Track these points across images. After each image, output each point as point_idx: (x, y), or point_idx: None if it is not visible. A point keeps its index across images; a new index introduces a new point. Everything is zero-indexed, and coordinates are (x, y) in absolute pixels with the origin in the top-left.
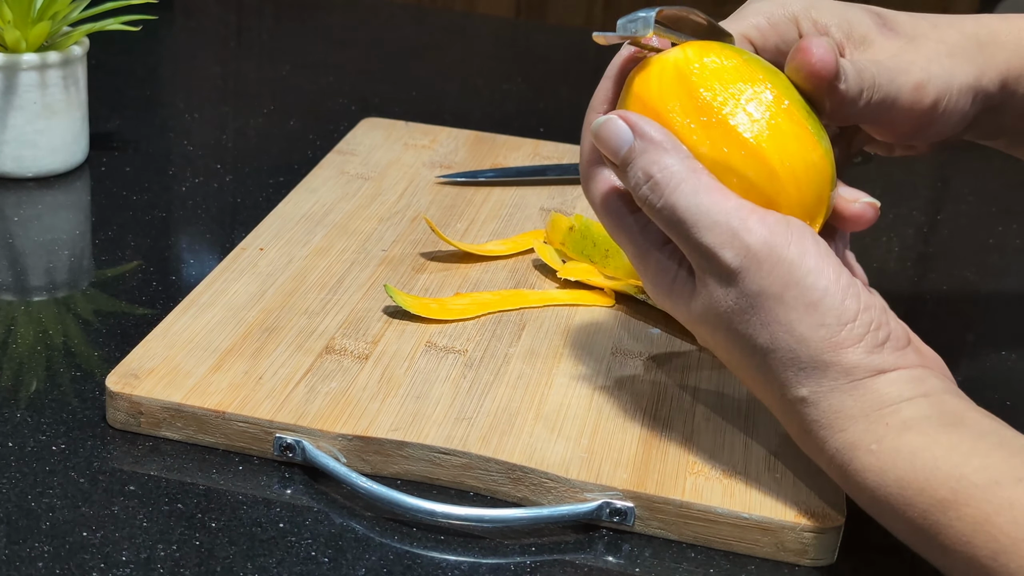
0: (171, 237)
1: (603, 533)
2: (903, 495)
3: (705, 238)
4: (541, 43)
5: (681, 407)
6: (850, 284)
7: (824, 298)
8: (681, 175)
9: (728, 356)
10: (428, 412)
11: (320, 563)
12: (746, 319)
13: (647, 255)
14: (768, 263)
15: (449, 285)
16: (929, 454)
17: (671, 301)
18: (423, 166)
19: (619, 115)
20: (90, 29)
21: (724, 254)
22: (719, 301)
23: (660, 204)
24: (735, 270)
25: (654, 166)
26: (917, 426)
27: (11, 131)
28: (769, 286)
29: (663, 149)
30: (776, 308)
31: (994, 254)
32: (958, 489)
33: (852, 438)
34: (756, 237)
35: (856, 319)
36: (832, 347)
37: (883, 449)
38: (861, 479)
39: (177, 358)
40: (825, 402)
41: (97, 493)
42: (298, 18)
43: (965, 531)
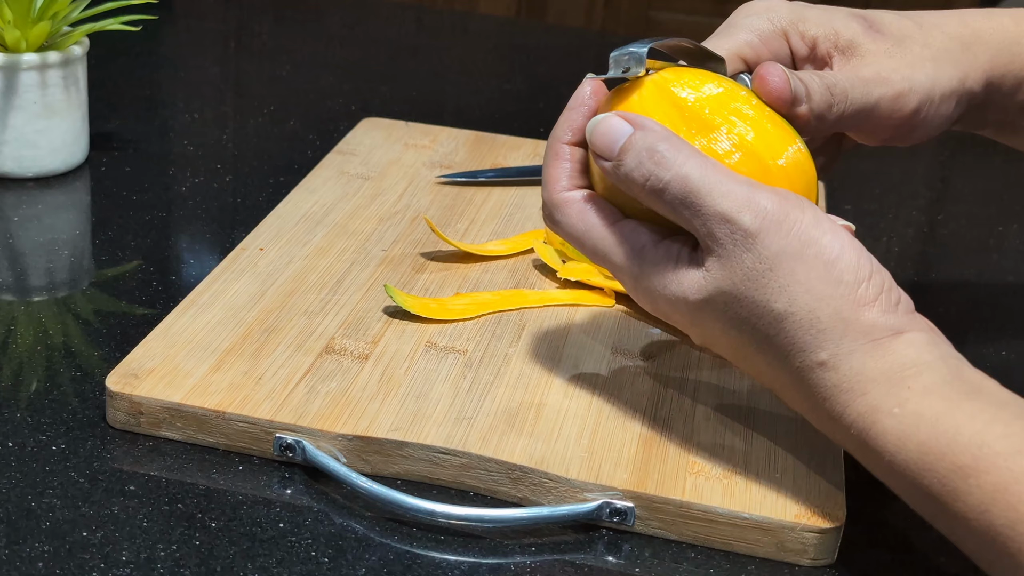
0: (171, 237)
1: (603, 533)
2: (923, 460)
3: (721, 204)
4: (541, 43)
5: (681, 407)
6: (861, 248)
7: (841, 255)
8: (689, 150)
9: (737, 337)
10: (428, 412)
11: (320, 563)
12: (764, 283)
13: (641, 254)
14: (787, 223)
15: (449, 285)
16: (951, 420)
17: (670, 294)
18: (423, 166)
19: (615, 113)
20: (90, 29)
21: (742, 217)
22: (735, 269)
23: (670, 176)
24: (754, 232)
25: (660, 143)
26: (939, 391)
27: (11, 131)
28: (788, 245)
29: (665, 134)
30: (795, 266)
31: (994, 254)
32: (979, 456)
33: (874, 401)
34: (771, 201)
35: (871, 278)
36: (851, 304)
37: (905, 413)
38: (881, 444)
39: (177, 358)
40: (846, 365)
41: (97, 493)
42: (298, 18)
43: (984, 499)
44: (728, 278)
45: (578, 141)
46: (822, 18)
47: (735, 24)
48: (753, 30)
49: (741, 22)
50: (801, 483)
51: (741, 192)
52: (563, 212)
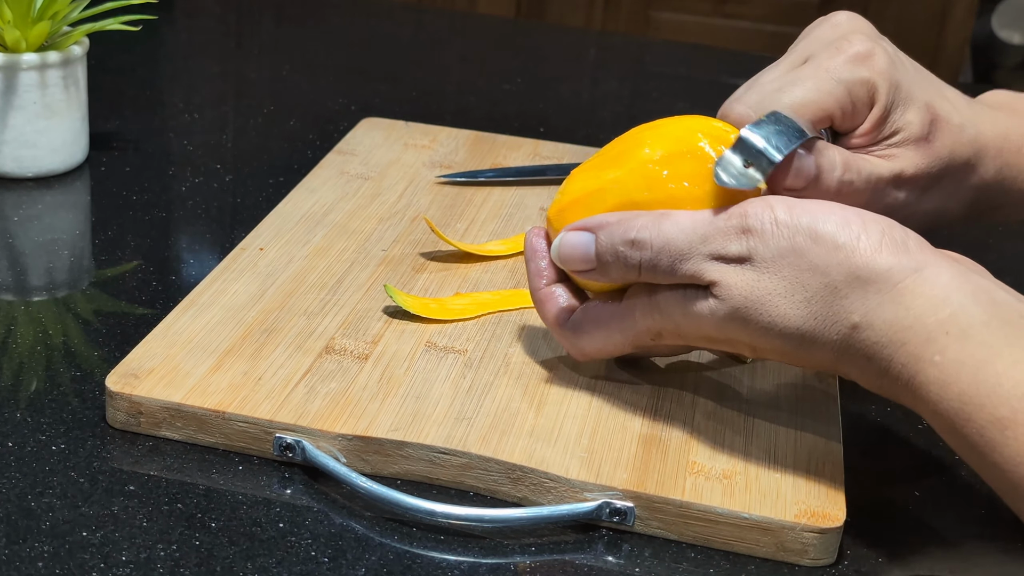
0: (171, 237)
1: (603, 533)
2: (964, 410)
3: (707, 248)
4: (541, 43)
5: (681, 407)
6: (843, 208)
7: (825, 223)
8: (653, 219)
9: (771, 340)
10: (428, 412)
11: (320, 563)
12: (774, 286)
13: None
14: (768, 229)
15: (449, 285)
16: (992, 369)
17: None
18: (423, 166)
19: (568, 228)
20: (90, 29)
21: (730, 248)
22: (744, 286)
23: (653, 253)
24: (746, 253)
25: (630, 231)
26: (978, 334)
27: (11, 131)
28: (778, 244)
29: (622, 220)
30: (794, 259)
31: (994, 254)
32: (1018, 408)
33: (915, 350)
34: (748, 218)
35: (865, 228)
36: (859, 259)
37: (946, 361)
38: (924, 393)
39: (177, 358)
40: (878, 319)
41: (97, 493)
42: (298, 18)
43: (1019, 451)
44: (742, 295)
45: (552, 280)
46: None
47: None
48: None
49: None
50: (801, 483)
51: (715, 229)
52: (581, 332)
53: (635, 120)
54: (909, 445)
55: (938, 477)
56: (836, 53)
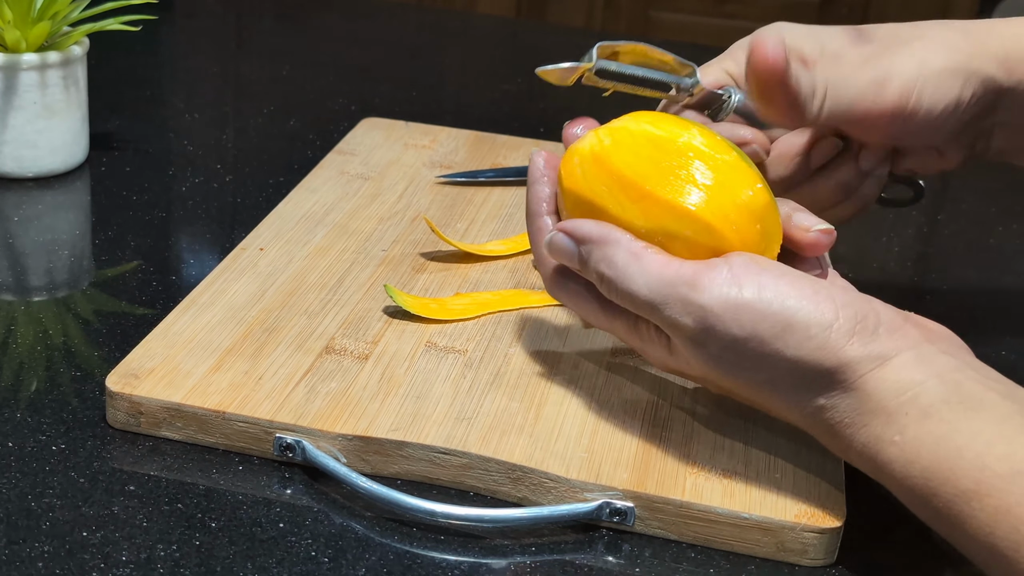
0: (171, 237)
1: (603, 533)
2: (928, 485)
3: (665, 312)
4: (541, 43)
5: (681, 407)
6: (817, 290)
7: (797, 314)
8: (625, 263)
9: (743, 393)
10: (428, 412)
11: (320, 563)
12: (736, 364)
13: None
14: (729, 313)
15: (449, 285)
16: (952, 443)
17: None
18: (423, 166)
19: (559, 228)
20: (90, 29)
21: (685, 322)
22: (705, 358)
23: (619, 297)
24: (701, 331)
25: (601, 264)
26: (937, 412)
27: (11, 131)
28: (739, 331)
29: (604, 244)
30: (758, 345)
31: (994, 254)
32: (981, 479)
33: (875, 431)
34: (707, 296)
35: (838, 317)
36: (828, 353)
37: (906, 440)
38: (889, 471)
39: (177, 358)
40: (843, 404)
41: (97, 493)
42: (298, 18)
43: (988, 521)
44: (706, 361)
45: (552, 211)
46: (810, 32)
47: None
48: (742, 48)
49: (732, 48)
50: (801, 483)
51: (676, 296)
52: (561, 287)
53: None
54: None
55: None
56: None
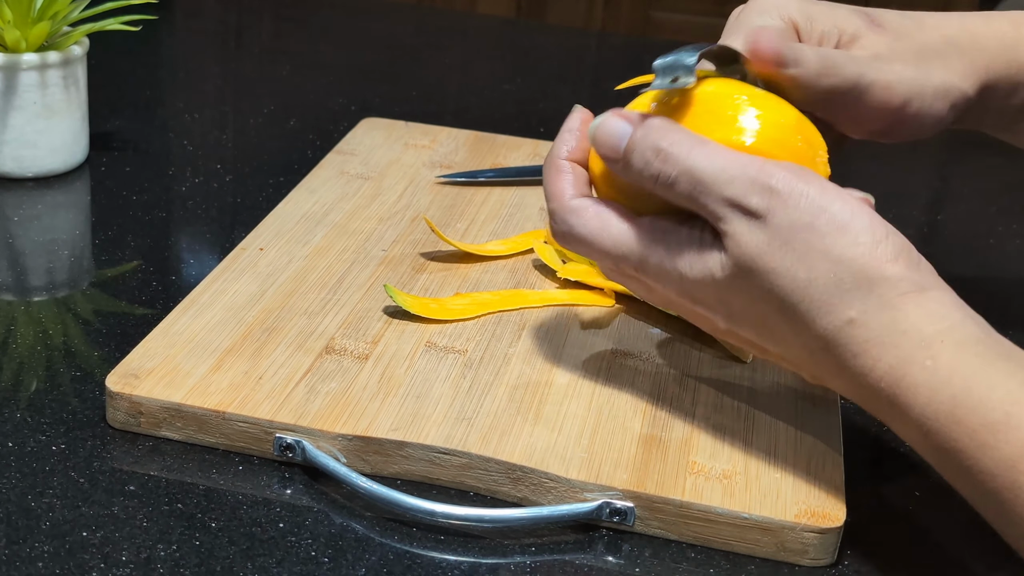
0: (171, 237)
1: (603, 533)
2: (954, 413)
3: (728, 191)
4: (541, 43)
5: (681, 407)
6: (871, 212)
7: (853, 219)
8: (690, 142)
9: (765, 309)
10: (428, 412)
11: (320, 563)
12: (782, 256)
13: (665, 240)
14: (793, 197)
15: (449, 285)
16: (986, 376)
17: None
18: (423, 166)
19: (615, 112)
20: (90, 29)
21: (750, 200)
22: (752, 246)
23: (676, 172)
24: (763, 211)
25: (663, 140)
26: (972, 347)
27: (11, 131)
28: (799, 217)
29: (665, 128)
30: (810, 236)
31: (994, 254)
32: (1012, 412)
33: (905, 354)
34: (776, 178)
35: (887, 238)
36: (873, 261)
37: (939, 365)
38: (911, 396)
39: (177, 358)
40: (875, 319)
41: (97, 493)
42: (298, 18)
43: (1012, 454)
44: (748, 255)
45: (576, 159)
46: (827, 13)
47: (744, 22)
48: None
49: (750, 19)
50: (801, 483)
51: (744, 175)
52: (578, 215)
53: None
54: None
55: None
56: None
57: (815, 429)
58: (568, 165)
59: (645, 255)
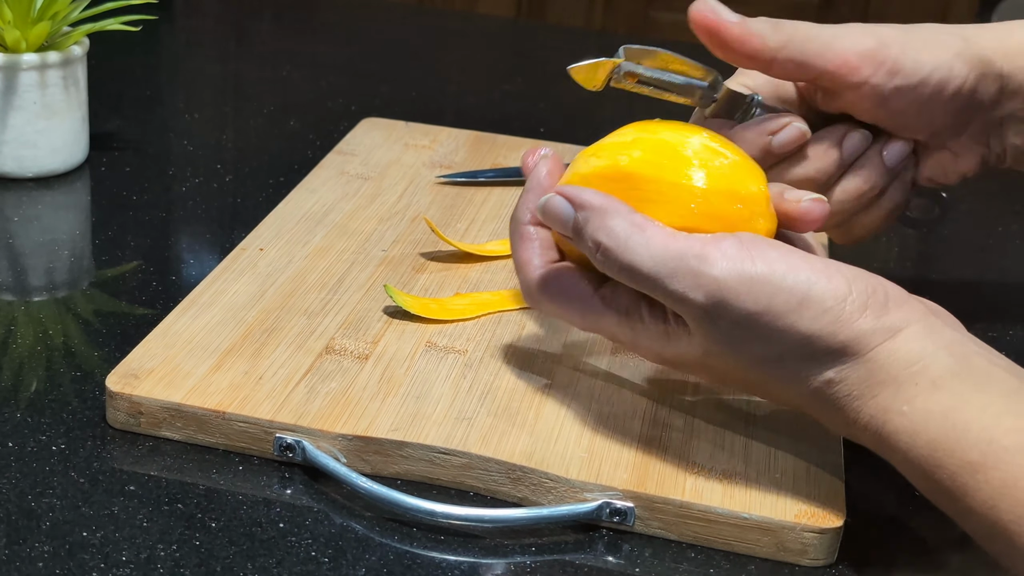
0: (171, 237)
1: (603, 533)
2: (934, 456)
3: (672, 286)
4: (541, 43)
5: (681, 407)
6: (826, 264)
7: (812, 288)
8: (626, 233)
9: (744, 376)
10: (428, 412)
11: (320, 563)
12: (747, 339)
13: (628, 321)
14: (742, 286)
15: (449, 285)
16: (960, 415)
17: (671, 351)
18: (423, 166)
19: (558, 191)
20: (90, 29)
21: (695, 296)
22: (714, 335)
23: (618, 268)
24: (713, 306)
25: (600, 232)
26: (947, 384)
27: (11, 131)
28: (753, 305)
29: (604, 213)
30: (772, 321)
31: (994, 254)
32: (987, 452)
33: (883, 402)
34: (719, 268)
35: (851, 291)
36: (841, 325)
37: (914, 410)
38: (894, 442)
39: (177, 358)
40: (852, 376)
41: (97, 493)
42: (298, 18)
43: (992, 494)
44: (714, 342)
45: (539, 222)
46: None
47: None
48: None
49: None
50: (801, 483)
51: (686, 269)
52: (543, 293)
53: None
54: None
55: None
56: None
57: (815, 429)
58: (532, 231)
59: (614, 335)
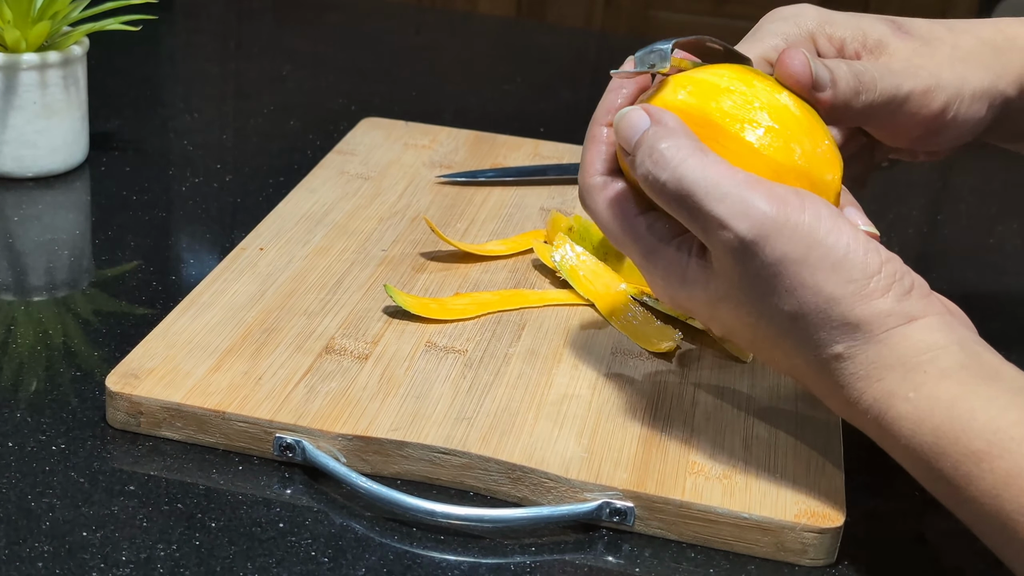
0: (171, 237)
1: (603, 533)
2: (938, 444)
3: (717, 209)
4: (541, 43)
5: (681, 407)
6: (868, 240)
7: (847, 255)
8: (689, 150)
9: (753, 333)
10: (428, 412)
11: (320, 563)
12: (770, 287)
13: (655, 252)
14: (787, 228)
15: (449, 285)
16: (967, 404)
17: (686, 292)
18: (423, 166)
19: (640, 106)
20: (90, 29)
21: (739, 225)
22: (740, 274)
23: (666, 176)
24: (751, 240)
25: (663, 141)
26: (955, 375)
27: (11, 131)
28: (792, 251)
29: (677, 133)
30: (801, 271)
31: (994, 254)
32: (993, 441)
33: (889, 387)
34: (770, 205)
35: (881, 270)
36: (862, 300)
37: (920, 397)
38: (897, 428)
39: (177, 358)
40: (862, 355)
41: (97, 493)
42: (298, 18)
43: (996, 484)
44: (735, 282)
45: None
46: (850, 20)
47: (762, 29)
48: (779, 34)
49: (768, 27)
50: (801, 483)
51: (738, 197)
52: (592, 198)
53: None
54: None
55: None
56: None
57: (815, 429)
58: (604, 133)
59: (640, 262)
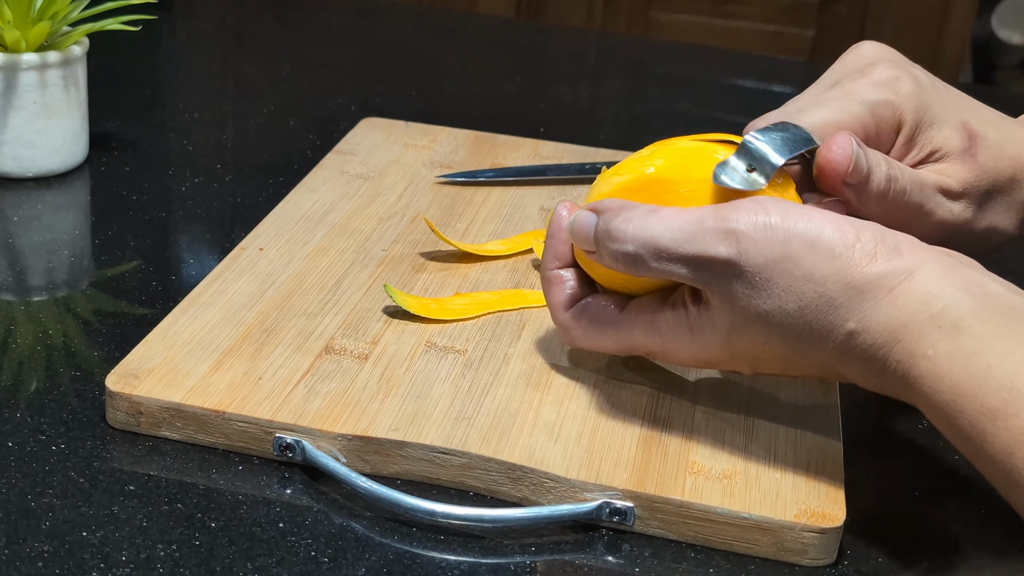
0: (171, 237)
1: (603, 533)
2: (956, 402)
3: (691, 249)
4: (541, 43)
5: (681, 407)
6: (836, 216)
7: (821, 233)
8: (639, 213)
9: (774, 350)
10: (428, 412)
11: (320, 563)
12: (767, 295)
13: (655, 324)
14: (759, 233)
15: (449, 285)
16: (982, 360)
17: (701, 343)
18: (423, 166)
19: (585, 206)
20: (90, 29)
21: (717, 250)
22: (736, 295)
23: (632, 245)
24: (734, 257)
25: (613, 220)
26: (969, 327)
27: (11, 131)
28: (771, 251)
29: (621, 209)
30: (787, 266)
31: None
32: (1008, 399)
33: (909, 346)
34: (734, 221)
35: (859, 238)
36: (853, 268)
37: (938, 354)
38: (919, 387)
39: (177, 358)
40: (873, 322)
41: (97, 493)
42: (298, 18)
43: (1011, 441)
44: (736, 306)
45: (564, 265)
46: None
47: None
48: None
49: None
50: (801, 483)
51: (703, 229)
52: (576, 324)
53: (635, 120)
54: (909, 445)
55: (938, 477)
56: (860, 77)
57: (815, 429)
58: (556, 275)
59: (646, 345)
